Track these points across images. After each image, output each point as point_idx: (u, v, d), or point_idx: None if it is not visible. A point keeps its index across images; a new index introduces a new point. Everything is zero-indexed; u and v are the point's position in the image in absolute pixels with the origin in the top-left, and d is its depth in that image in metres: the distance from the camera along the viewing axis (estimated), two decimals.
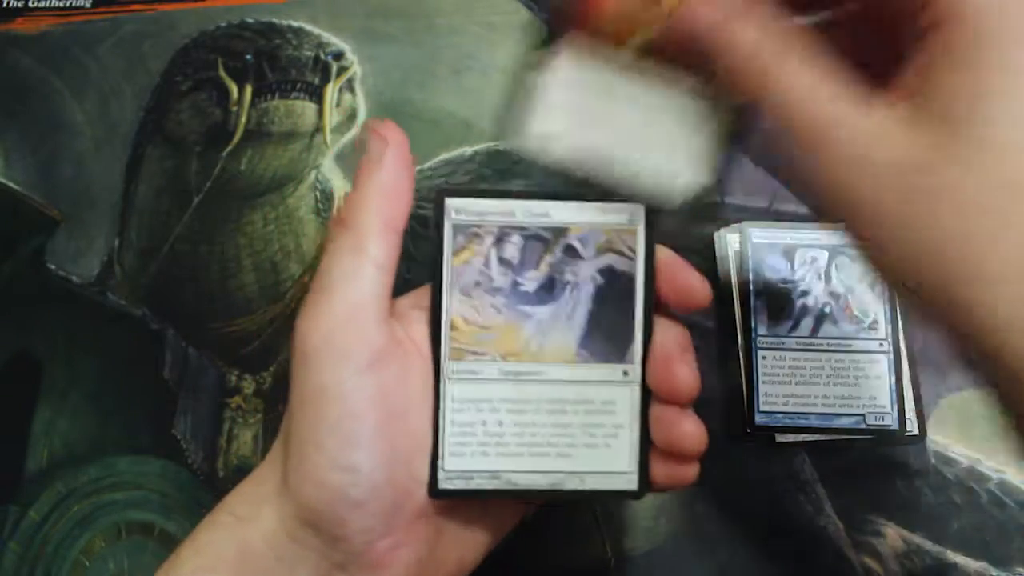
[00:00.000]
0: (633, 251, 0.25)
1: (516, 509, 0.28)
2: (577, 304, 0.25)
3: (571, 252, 0.25)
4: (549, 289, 0.25)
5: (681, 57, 0.22)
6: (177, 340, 0.37)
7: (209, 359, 0.37)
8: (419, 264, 0.33)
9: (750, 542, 0.34)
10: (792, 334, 0.35)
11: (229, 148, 0.40)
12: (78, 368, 0.37)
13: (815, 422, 0.34)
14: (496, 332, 0.25)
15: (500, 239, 0.25)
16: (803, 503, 0.34)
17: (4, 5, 0.43)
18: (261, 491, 0.25)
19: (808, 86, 0.20)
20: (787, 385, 0.35)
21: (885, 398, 0.34)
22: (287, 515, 0.24)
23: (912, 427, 0.34)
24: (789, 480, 0.34)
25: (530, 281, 0.25)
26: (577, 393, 0.25)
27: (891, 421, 0.34)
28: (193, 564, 0.24)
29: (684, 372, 0.25)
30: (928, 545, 0.33)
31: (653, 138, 0.24)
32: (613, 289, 0.25)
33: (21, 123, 0.41)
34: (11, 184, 0.40)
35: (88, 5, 0.43)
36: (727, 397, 0.35)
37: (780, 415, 0.34)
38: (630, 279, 0.25)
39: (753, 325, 0.35)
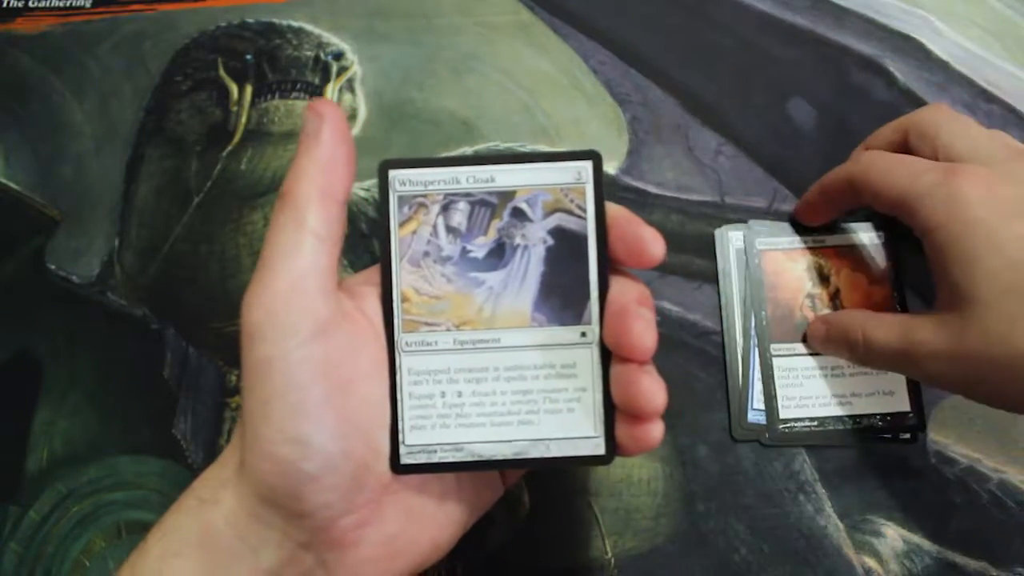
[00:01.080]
0: (583, 209, 0.25)
1: (492, 486, 0.28)
2: (529, 267, 0.25)
3: (519, 215, 0.25)
4: (499, 254, 0.25)
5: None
6: (177, 340, 0.37)
7: (209, 359, 0.37)
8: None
9: (750, 542, 0.34)
10: (802, 337, 0.35)
11: (229, 148, 0.40)
12: (78, 368, 0.37)
13: (831, 425, 0.34)
14: (448, 301, 0.25)
15: (446, 207, 0.25)
16: (803, 503, 0.34)
17: (4, 5, 0.43)
18: (223, 474, 0.25)
19: (883, 333, 0.31)
20: (799, 387, 0.35)
21: (903, 395, 0.34)
22: (246, 494, 0.24)
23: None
24: (789, 480, 0.34)
25: (479, 248, 0.25)
26: (536, 358, 0.25)
27: (912, 420, 0.34)
28: (160, 549, 0.24)
29: (639, 327, 0.24)
30: (928, 545, 0.33)
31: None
32: (565, 249, 0.25)
33: (21, 123, 0.41)
34: (11, 184, 0.40)
35: (88, 5, 0.43)
36: (727, 397, 0.35)
37: (793, 421, 0.34)
38: (581, 238, 0.25)
39: (760, 327, 0.35)
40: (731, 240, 0.37)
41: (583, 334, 0.25)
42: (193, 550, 0.24)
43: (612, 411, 0.25)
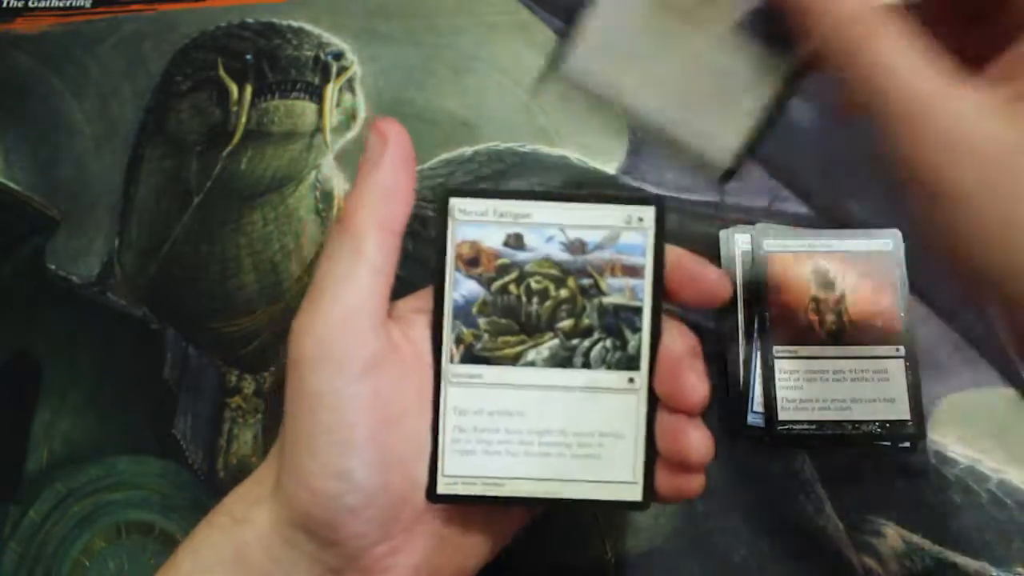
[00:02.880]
0: (642, 253, 0.25)
1: (518, 517, 0.28)
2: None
3: (578, 254, 0.25)
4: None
5: (778, 15, 0.21)
6: (177, 340, 0.37)
7: (209, 359, 0.37)
8: (418, 263, 0.33)
9: (750, 542, 0.34)
10: (804, 340, 0.35)
11: (229, 148, 0.40)
12: (78, 368, 0.37)
13: (830, 430, 0.34)
14: (500, 336, 0.25)
15: (505, 241, 0.25)
16: (803, 503, 0.34)
17: (4, 5, 0.43)
18: (257, 492, 0.25)
19: (906, 58, 0.20)
20: (799, 390, 0.35)
21: (903, 403, 0.34)
22: (281, 518, 0.24)
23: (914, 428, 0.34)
24: (789, 480, 0.34)
25: (536, 284, 0.25)
26: (581, 400, 0.25)
27: (911, 428, 0.34)
28: (190, 565, 0.24)
29: (693, 380, 0.24)
30: (928, 545, 0.33)
31: (698, 90, 0.23)
32: (621, 293, 0.25)
33: (21, 123, 0.41)
34: (11, 184, 0.40)
35: (88, 5, 0.43)
36: (726, 397, 0.35)
37: (792, 423, 0.34)
38: (638, 283, 0.25)
39: (763, 328, 0.35)
40: (737, 242, 0.37)
41: (631, 380, 0.25)
42: (225, 568, 0.24)
43: (654, 458, 0.25)
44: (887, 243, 0.36)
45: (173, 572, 0.24)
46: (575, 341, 0.25)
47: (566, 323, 0.25)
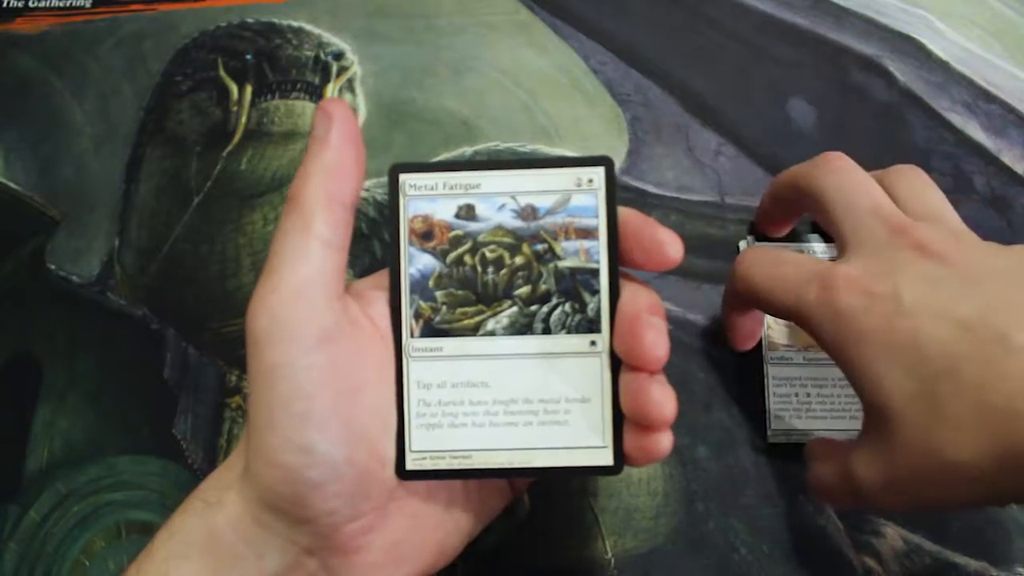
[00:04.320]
0: (594, 214, 0.25)
1: (500, 493, 0.28)
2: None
3: (530, 220, 0.25)
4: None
5: None
6: (177, 340, 0.37)
7: (209, 359, 0.37)
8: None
9: (750, 542, 0.34)
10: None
11: (229, 148, 0.40)
12: (78, 368, 0.37)
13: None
14: (458, 308, 0.25)
15: (457, 212, 0.25)
16: (803, 503, 0.34)
17: (4, 5, 0.43)
18: (228, 477, 0.25)
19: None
20: (796, 397, 0.35)
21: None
22: (250, 499, 0.24)
23: None
24: (789, 480, 0.34)
25: (489, 254, 0.25)
26: (545, 366, 0.25)
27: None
28: (166, 551, 0.24)
29: (651, 336, 0.23)
30: (928, 545, 0.33)
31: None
32: (576, 255, 0.25)
33: (21, 123, 0.41)
34: (11, 184, 0.40)
35: (88, 5, 0.43)
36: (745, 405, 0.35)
37: (792, 432, 0.34)
38: (592, 244, 0.25)
39: (763, 337, 0.35)
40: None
41: (593, 343, 0.25)
42: (198, 552, 0.24)
43: (621, 421, 0.24)
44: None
45: (148, 558, 0.24)
46: (534, 307, 0.25)
47: (523, 290, 0.25)
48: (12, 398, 0.37)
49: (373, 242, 0.38)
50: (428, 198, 0.25)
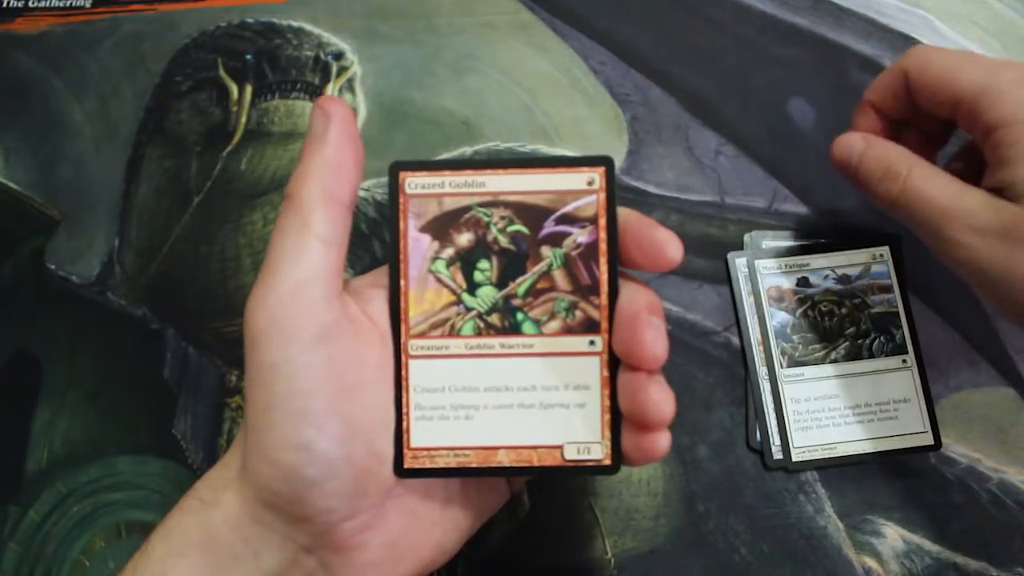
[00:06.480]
0: (595, 215, 0.25)
1: (498, 491, 0.28)
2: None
3: (531, 220, 0.25)
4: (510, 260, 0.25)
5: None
6: (177, 340, 0.37)
7: (209, 359, 0.37)
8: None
9: (750, 542, 0.34)
10: (812, 358, 0.35)
11: (229, 148, 0.40)
12: (78, 368, 0.37)
13: (844, 449, 0.34)
14: (457, 307, 0.25)
15: (458, 211, 0.25)
16: (803, 503, 0.34)
17: (4, 5, 0.43)
18: (225, 475, 0.25)
19: (929, 184, 0.29)
20: (810, 414, 0.34)
21: (916, 416, 0.34)
22: (248, 497, 0.24)
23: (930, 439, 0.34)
24: (789, 480, 0.34)
25: (490, 253, 0.25)
26: (543, 365, 0.25)
27: (928, 440, 0.34)
28: (162, 549, 0.24)
29: (650, 336, 0.23)
30: (928, 545, 0.33)
31: None
32: (575, 256, 0.25)
33: (21, 123, 0.41)
34: (11, 184, 0.40)
35: (88, 5, 0.43)
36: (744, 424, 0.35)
37: (811, 447, 0.34)
38: (592, 244, 0.25)
39: (772, 351, 0.35)
40: (738, 267, 0.36)
41: (592, 342, 0.25)
42: (195, 551, 0.24)
43: (619, 420, 0.24)
44: (882, 253, 0.36)
45: (145, 557, 0.24)
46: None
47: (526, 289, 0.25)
48: (12, 398, 0.37)
49: (373, 242, 0.38)
50: (429, 197, 0.25)
